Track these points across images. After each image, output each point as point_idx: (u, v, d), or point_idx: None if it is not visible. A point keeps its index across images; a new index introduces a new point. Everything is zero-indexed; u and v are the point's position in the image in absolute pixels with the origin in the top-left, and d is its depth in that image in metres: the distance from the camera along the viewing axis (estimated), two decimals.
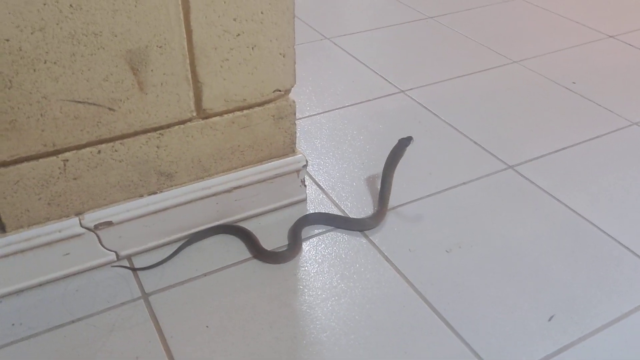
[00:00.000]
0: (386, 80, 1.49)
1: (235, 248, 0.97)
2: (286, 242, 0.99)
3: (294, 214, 1.05)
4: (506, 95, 1.43)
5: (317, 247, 0.98)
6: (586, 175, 1.16)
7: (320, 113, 1.35)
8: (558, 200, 1.09)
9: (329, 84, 1.47)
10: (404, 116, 1.34)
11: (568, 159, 1.20)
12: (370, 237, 1.00)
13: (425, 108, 1.37)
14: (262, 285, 0.90)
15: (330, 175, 1.16)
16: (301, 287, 0.90)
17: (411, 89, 1.45)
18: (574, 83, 1.48)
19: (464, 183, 1.13)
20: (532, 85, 1.48)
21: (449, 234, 1.00)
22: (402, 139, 1.09)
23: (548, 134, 1.28)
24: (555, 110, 1.37)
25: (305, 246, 0.98)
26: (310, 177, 1.15)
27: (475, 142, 1.25)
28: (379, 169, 1.12)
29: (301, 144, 1.25)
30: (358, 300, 0.88)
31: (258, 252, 0.96)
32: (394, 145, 1.09)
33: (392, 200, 1.07)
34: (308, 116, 1.34)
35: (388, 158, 1.09)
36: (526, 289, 0.90)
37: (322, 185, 1.13)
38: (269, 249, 0.96)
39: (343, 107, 1.37)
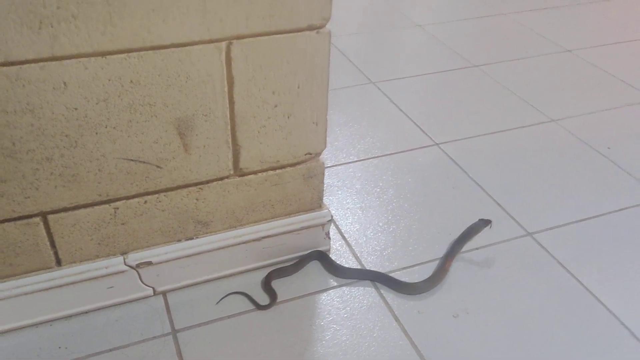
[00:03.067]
0: (422, 130, 1.56)
1: (261, 294, 1.07)
2: (306, 289, 1.07)
3: (316, 263, 1.13)
4: (538, 156, 1.48)
5: (333, 300, 1.06)
6: (603, 249, 1.19)
7: (354, 161, 1.43)
8: (571, 274, 1.13)
9: (367, 131, 1.55)
10: (435, 171, 1.41)
11: (589, 230, 1.24)
12: (384, 294, 1.07)
13: (456, 164, 1.43)
14: (279, 333, 0.99)
15: (355, 226, 1.24)
16: (314, 337, 0.99)
17: (445, 142, 1.51)
18: (608, 148, 1.51)
19: (480, 247, 1.19)
20: (566, 147, 1.51)
21: (458, 298, 1.07)
22: (482, 220, 1.18)
23: (573, 201, 1.32)
24: (584, 176, 1.41)
25: (326, 297, 1.07)
26: (336, 226, 1.23)
27: (499, 204, 1.31)
28: (401, 225, 1.20)
29: (333, 192, 1.33)
30: (364, 357, 0.96)
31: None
32: (470, 223, 1.18)
33: (407, 259, 1.14)
34: (343, 164, 1.43)
35: (463, 233, 1.16)
36: None
37: (346, 236, 1.21)
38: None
39: (376, 157, 1.45)
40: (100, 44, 0.80)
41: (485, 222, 1.18)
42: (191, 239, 1.04)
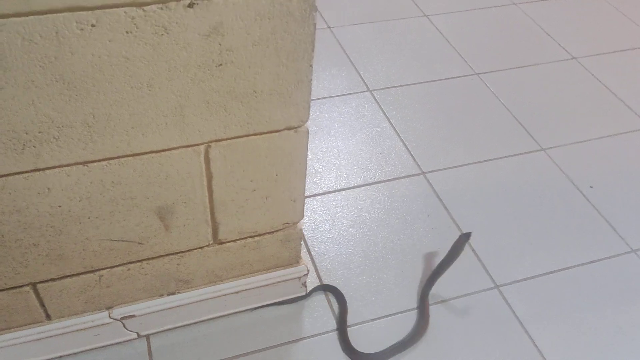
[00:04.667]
0: (411, 155, 1.59)
1: (239, 341, 1.16)
2: (291, 334, 1.17)
3: (293, 307, 1.22)
4: (522, 192, 1.51)
5: (310, 357, 1.16)
6: (564, 308, 1.26)
7: (338, 190, 1.48)
8: (528, 334, 1.21)
9: (357, 155, 1.58)
10: (416, 205, 1.45)
11: (554, 285, 1.30)
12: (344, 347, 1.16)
13: (438, 198, 1.48)
14: None
15: (333, 262, 1.31)
16: None
17: (432, 172, 1.55)
18: (591, 187, 1.54)
19: (449, 299, 1.26)
20: (549, 183, 1.54)
21: (417, 354, 1.16)
22: (463, 234, 1.25)
23: (544, 250, 1.38)
24: (561, 220, 1.45)
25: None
26: (313, 263, 1.31)
27: (474, 250, 1.36)
28: (376, 263, 1.27)
29: (313, 220, 1.39)
30: None
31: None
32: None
33: (366, 313, 1.22)
34: (324, 192, 1.47)
35: (448, 254, 1.23)
36: None
37: (321, 274, 1.28)
38: None
39: (361, 186, 1.49)
40: (81, 156, 0.84)
41: (466, 236, 1.24)
42: (173, 294, 1.12)
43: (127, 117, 0.82)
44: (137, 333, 1.15)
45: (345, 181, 1.51)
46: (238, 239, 1.08)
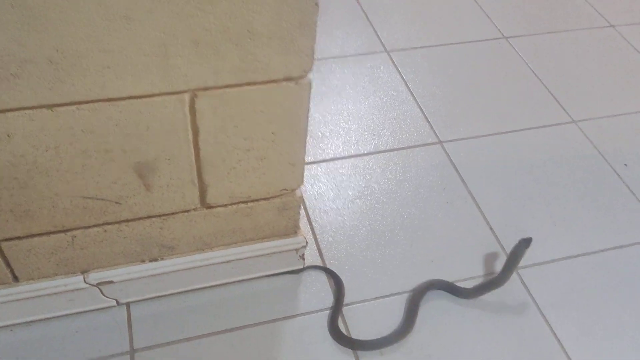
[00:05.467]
0: (429, 122, 1.46)
1: (227, 315, 1.06)
2: (283, 310, 1.06)
3: (288, 282, 1.11)
4: (548, 168, 1.38)
5: (293, 329, 1.05)
6: (591, 296, 1.14)
7: (346, 157, 1.36)
8: (547, 321, 1.10)
9: (371, 121, 1.45)
10: (430, 177, 1.33)
11: (580, 269, 1.18)
12: (349, 328, 1.06)
13: (456, 170, 1.35)
14: None
15: (335, 235, 1.19)
16: None
17: (450, 141, 1.42)
18: (625, 165, 1.41)
19: (458, 281, 1.15)
20: (580, 159, 1.41)
21: (423, 341, 1.05)
22: (523, 240, 1.10)
23: (571, 232, 1.25)
24: (592, 200, 1.32)
25: (287, 325, 1.05)
26: (314, 235, 1.19)
27: (492, 229, 1.24)
28: (383, 238, 1.16)
29: (316, 189, 1.27)
30: None
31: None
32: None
33: (368, 291, 1.11)
34: (331, 159, 1.35)
35: (509, 260, 1.10)
36: None
37: (321, 247, 1.17)
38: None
39: (372, 154, 1.37)
40: (46, 98, 0.72)
41: (527, 243, 1.10)
42: (156, 260, 1.01)
43: (99, 55, 0.70)
44: (116, 300, 1.05)
45: (354, 147, 1.38)
46: (229, 204, 0.96)
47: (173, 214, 0.94)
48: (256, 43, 0.75)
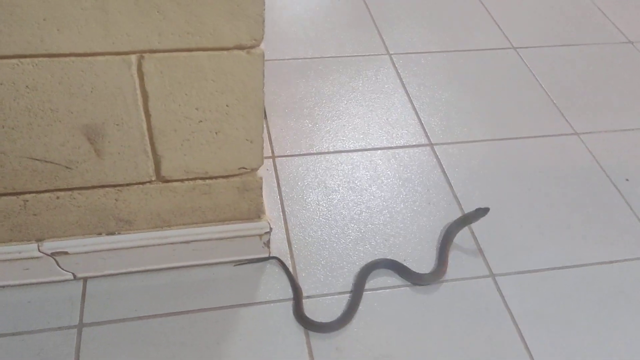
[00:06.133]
0: (421, 124, 1.41)
1: (183, 297, 1.03)
2: (240, 298, 1.03)
3: (250, 269, 1.08)
4: (542, 176, 1.32)
5: (252, 316, 1.01)
6: (571, 310, 1.07)
7: (331, 152, 1.32)
8: (520, 331, 1.03)
9: (364, 119, 1.42)
10: (417, 178, 1.28)
11: (564, 281, 1.11)
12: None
13: (444, 172, 1.30)
14: (183, 345, 0.96)
15: (307, 227, 1.16)
16: (220, 353, 0.96)
17: (441, 144, 1.37)
18: (627, 180, 1.33)
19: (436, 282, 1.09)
20: (578, 172, 1.34)
21: (384, 339, 0.99)
22: (480, 209, 1.15)
23: (560, 243, 1.18)
24: (585, 212, 1.25)
25: (244, 313, 1.02)
26: (285, 224, 1.16)
27: (473, 233, 1.19)
28: (356, 234, 1.12)
29: (298, 179, 1.24)
30: None
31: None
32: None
33: (335, 285, 1.07)
34: (318, 153, 1.32)
35: (458, 219, 1.16)
36: None
37: (291, 237, 1.14)
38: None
39: (358, 150, 1.33)
40: None
41: (484, 211, 1.15)
42: (113, 234, 1.00)
43: (36, 4, 0.69)
44: (73, 274, 1.03)
45: (341, 143, 1.35)
46: (185, 179, 0.94)
47: (128, 185, 0.93)
48: (200, 3, 0.73)
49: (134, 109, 0.82)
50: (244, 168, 0.95)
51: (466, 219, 1.17)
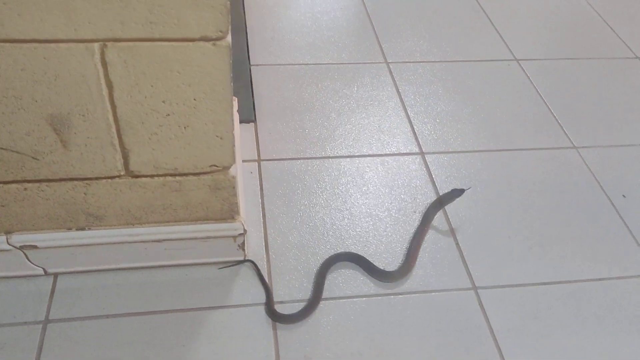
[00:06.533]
0: (413, 132, 1.39)
1: (153, 297, 1.01)
2: (211, 300, 1.00)
3: (224, 272, 1.06)
4: (535, 189, 1.28)
5: (222, 319, 0.99)
6: (555, 327, 1.03)
7: (319, 158, 1.30)
8: (499, 347, 0.99)
9: (356, 125, 1.39)
10: (405, 186, 1.25)
11: (550, 297, 1.07)
12: (278, 330, 0.98)
13: (433, 182, 1.27)
14: (149, 345, 0.94)
15: (287, 232, 1.13)
16: (181, 356, 0.93)
17: (432, 153, 1.34)
18: (624, 197, 1.28)
19: (408, 293, 1.06)
20: (574, 184, 1.30)
21: (356, 347, 0.96)
22: (455, 189, 1.17)
23: (549, 258, 1.14)
24: (578, 227, 1.21)
25: (217, 315, 0.99)
26: (264, 228, 1.14)
27: (457, 243, 1.15)
28: (337, 242, 1.09)
29: (284, 183, 1.22)
30: None
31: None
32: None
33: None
34: (307, 158, 1.30)
35: (436, 200, 1.17)
36: None
37: (269, 241, 1.11)
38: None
39: (347, 157, 1.31)
40: None
41: (460, 192, 1.16)
42: (83, 229, 0.99)
43: None
44: (43, 269, 1.02)
45: (330, 149, 1.33)
46: (155, 175, 0.93)
47: (96, 178, 0.91)
48: None
49: (99, 99, 0.81)
50: (214, 166, 0.93)
51: (442, 201, 1.17)
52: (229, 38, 0.79)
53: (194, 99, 0.84)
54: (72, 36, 0.74)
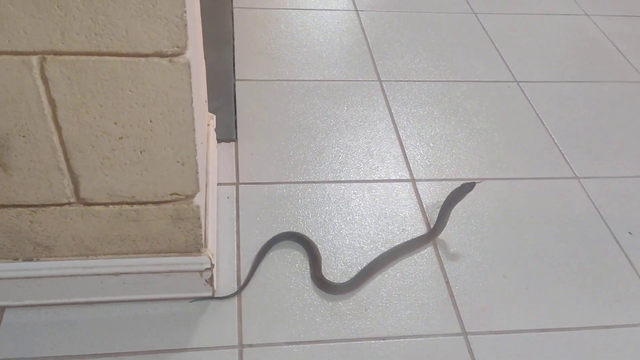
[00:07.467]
0: (405, 157, 1.29)
1: (109, 337, 0.91)
2: (173, 342, 0.91)
3: (190, 309, 0.96)
4: (534, 223, 1.18)
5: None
6: None
7: (302, 182, 1.21)
8: None
9: (343, 148, 1.30)
10: (392, 215, 1.16)
11: (546, 346, 0.97)
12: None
13: (423, 211, 1.17)
14: None
15: (260, 270, 1.04)
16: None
17: (424, 180, 1.24)
18: (630, 234, 1.18)
19: (395, 337, 0.96)
20: (575, 219, 1.20)
21: None
22: (466, 184, 1.09)
23: (546, 302, 1.04)
24: (579, 267, 1.11)
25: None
26: (238, 260, 1.04)
27: (448, 283, 1.05)
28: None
29: (260, 215, 1.12)
30: None
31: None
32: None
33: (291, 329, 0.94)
34: (285, 182, 1.20)
35: (448, 198, 1.09)
36: None
37: (242, 277, 1.02)
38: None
39: (333, 182, 1.22)
40: None
41: (470, 186, 1.09)
42: (30, 260, 0.89)
43: None
44: None
45: (314, 173, 1.23)
46: (110, 203, 0.83)
47: (43, 205, 0.82)
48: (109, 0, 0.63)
49: (41, 120, 0.72)
50: (176, 194, 0.84)
51: (454, 198, 1.09)
52: (188, 54, 0.69)
53: (150, 121, 0.75)
54: (6, 47, 0.66)
